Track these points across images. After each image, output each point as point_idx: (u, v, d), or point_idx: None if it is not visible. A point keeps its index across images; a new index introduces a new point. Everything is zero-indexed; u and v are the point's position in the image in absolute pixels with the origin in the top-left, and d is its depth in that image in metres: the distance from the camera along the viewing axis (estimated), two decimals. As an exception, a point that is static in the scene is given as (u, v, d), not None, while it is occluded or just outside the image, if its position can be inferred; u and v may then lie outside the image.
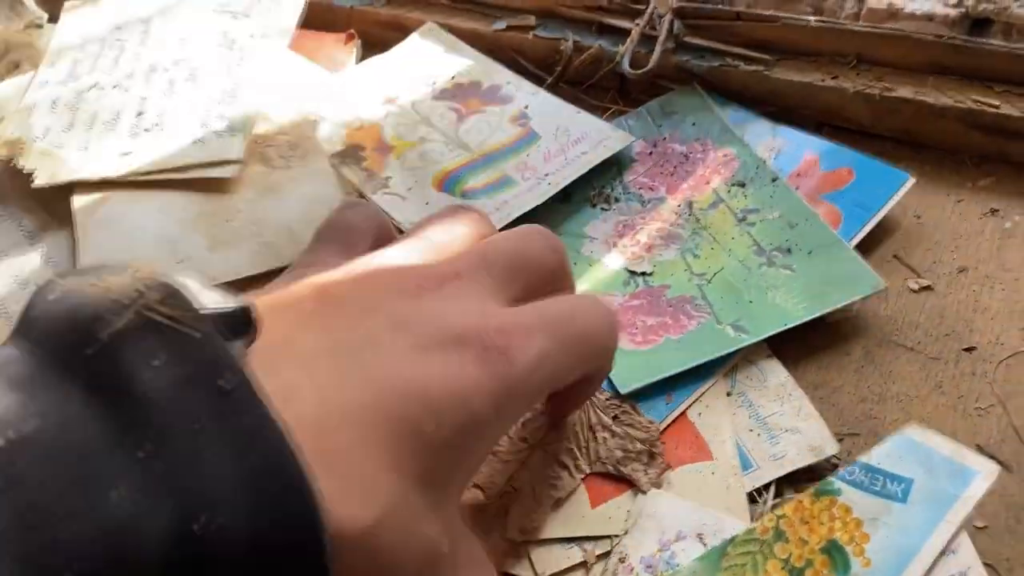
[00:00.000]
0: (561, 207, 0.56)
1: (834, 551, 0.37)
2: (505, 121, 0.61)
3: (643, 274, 0.51)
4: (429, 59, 0.68)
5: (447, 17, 0.70)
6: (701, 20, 0.61)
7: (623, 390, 0.44)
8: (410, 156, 0.59)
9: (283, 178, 0.55)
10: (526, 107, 0.62)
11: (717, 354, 0.46)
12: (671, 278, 0.50)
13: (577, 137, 0.59)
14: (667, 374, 0.45)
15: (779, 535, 0.38)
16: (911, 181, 0.52)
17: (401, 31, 0.71)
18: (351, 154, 0.60)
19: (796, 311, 0.47)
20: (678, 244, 0.52)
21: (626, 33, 0.63)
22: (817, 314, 0.47)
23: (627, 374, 0.45)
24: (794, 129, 0.57)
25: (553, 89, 0.63)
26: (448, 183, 0.57)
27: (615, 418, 0.43)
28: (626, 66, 0.60)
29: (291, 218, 0.53)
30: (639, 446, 0.42)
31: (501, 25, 0.67)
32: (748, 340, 0.46)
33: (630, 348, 0.46)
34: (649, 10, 0.62)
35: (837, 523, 0.38)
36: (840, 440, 0.44)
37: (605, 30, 0.64)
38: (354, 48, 0.71)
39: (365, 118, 0.63)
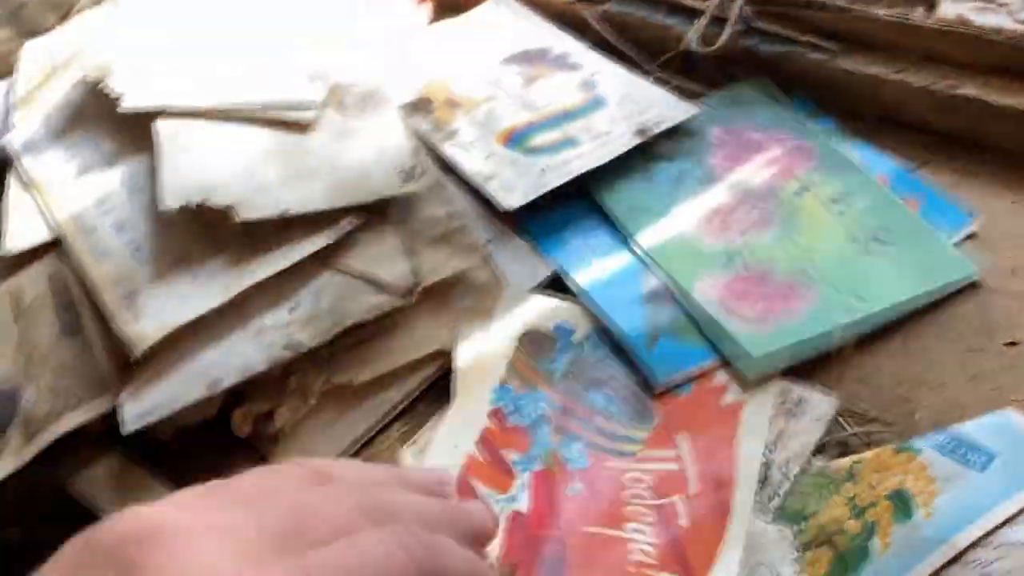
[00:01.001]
0: (643, 185, 0.57)
1: (899, 499, 0.39)
2: (572, 87, 0.63)
3: (740, 254, 0.52)
4: (500, 25, 0.70)
5: (521, -15, 0.72)
6: (771, 6, 0.62)
7: (756, 353, 0.46)
8: (477, 112, 0.61)
9: (355, 126, 0.57)
10: (592, 75, 0.64)
11: (835, 326, 0.47)
12: (772, 259, 0.51)
13: (643, 106, 0.60)
14: (793, 342, 0.47)
15: (850, 476, 0.40)
16: (974, 222, 0.53)
17: (474, -3, 0.73)
18: (421, 106, 0.62)
19: (902, 289, 0.49)
20: (771, 228, 0.53)
21: (696, 13, 0.64)
22: (922, 291, 0.48)
23: (757, 342, 0.47)
24: (869, 146, 0.58)
25: (620, 61, 0.65)
26: (513, 139, 0.59)
27: None
28: (695, 44, 0.61)
29: (362, 162, 0.54)
30: None
31: (574, -3, 0.69)
32: (862, 313, 0.48)
33: (751, 319, 0.48)
34: (721, -8, 0.63)
35: (910, 477, 0.39)
36: (872, 420, 0.46)
37: (675, 9, 0.66)
38: (427, 8, 0.73)
39: (436, 75, 0.65)
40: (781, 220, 0.53)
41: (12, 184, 0.58)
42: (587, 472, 0.45)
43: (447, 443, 0.47)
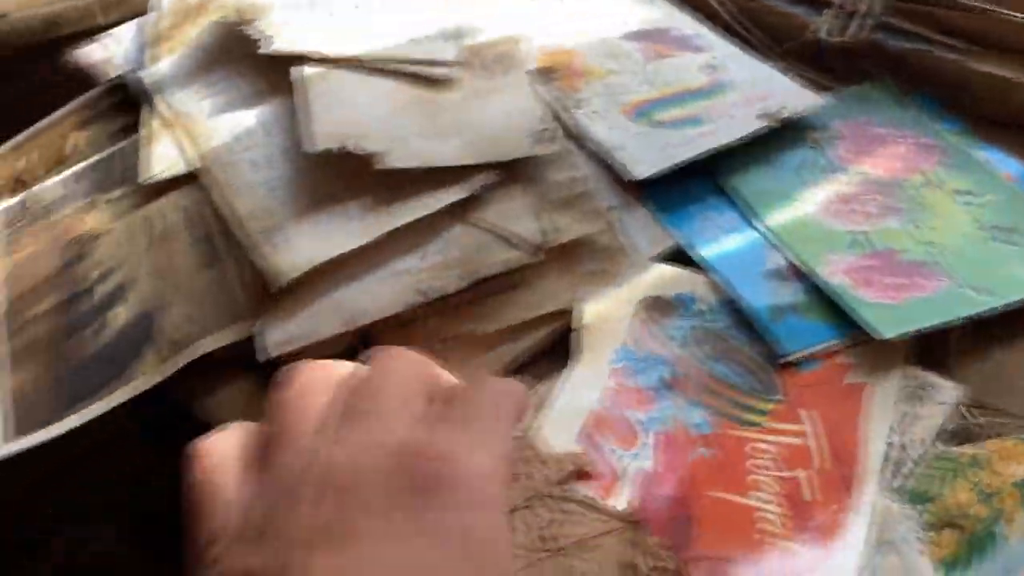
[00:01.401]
0: (767, 169, 0.58)
1: None
2: (695, 67, 0.63)
3: (867, 237, 0.52)
4: (620, 1, 0.70)
5: (644, -34, 0.72)
6: (903, 1, 0.62)
7: (887, 335, 0.46)
8: (601, 84, 0.62)
9: (488, 86, 0.58)
10: (716, 58, 0.64)
11: (966, 313, 0.47)
12: (899, 244, 0.52)
13: (768, 92, 0.60)
14: (924, 325, 0.47)
15: (976, 462, 0.41)
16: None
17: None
18: (546, 74, 0.63)
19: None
20: (898, 216, 0.53)
21: (823, 3, 0.64)
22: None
23: (887, 323, 0.47)
24: (996, 149, 0.58)
25: (745, 47, 0.65)
26: (638, 113, 0.60)
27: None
28: (824, 34, 0.62)
29: (494, 123, 0.55)
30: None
31: (699, -21, 0.69)
32: (993, 303, 0.48)
33: (880, 300, 0.48)
34: (853, -16, 0.63)
35: (1037, 468, 0.40)
36: (997, 411, 0.46)
37: (803, -2, 0.66)
38: (547, -18, 0.73)
39: (560, 44, 0.66)
40: (907, 208, 0.54)
41: (148, 117, 0.60)
42: (711, 438, 0.46)
43: (569, 398, 0.48)
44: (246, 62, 0.60)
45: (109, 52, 0.67)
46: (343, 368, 0.26)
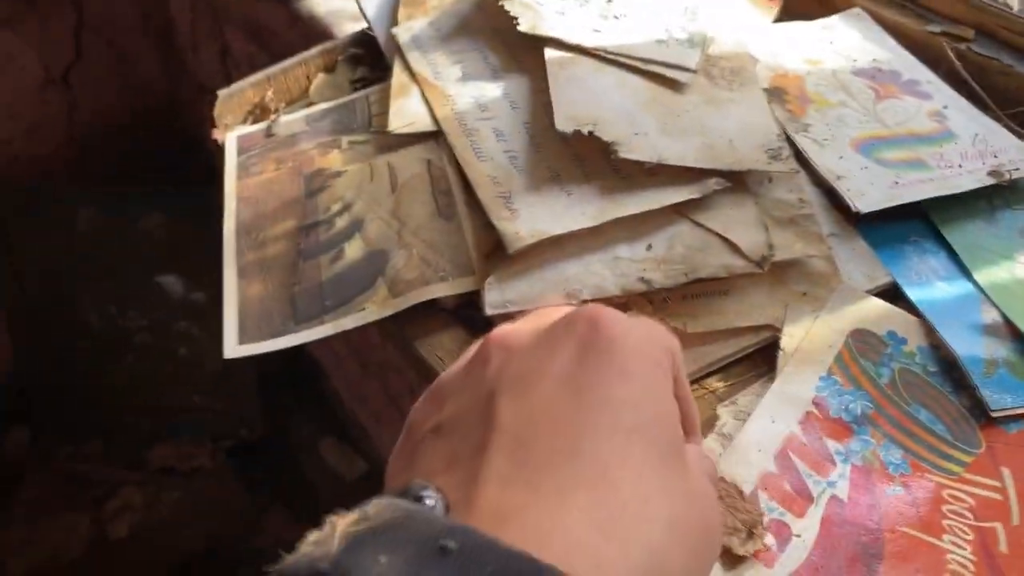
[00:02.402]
0: (987, 226, 0.58)
1: None
2: (922, 113, 0.64)
3: None
4: (850, 38, 0.71)
5: (877, 6, 0.73)
6: None
7: None
8: (828, 113, 0.63)
9: (723, 96, 0.60)
10: (945, 107, 0.64)
11: None
12: None
13: (995, 150, 0.60)
14: None
15: None
16: None
17: (825, 7, 0.74)
18: (775, 94, 0.64)
19: None
20: None
21: (1066, 72, 0.64)
22: None
23: None
24: None
25: (970, 100, 0.65)
26: (864, 147, 0.61)
27: (719, 498, 0.45)
28: (1067, 102, 0.61)
29: (728, 131, 0.57)
30: (739, 525, 0.44)
31: (936, 28, 0.69)
32: None
33: None
34: (1102, 56, 0.62)
35: None
36: None
37: (1044, 63, 0.65)
38: (776, 6, 0.75)
39: (789, 68, 0.67)
40: None
41: (398, 71, 0.63)
42: (907, 478, 0.46)
43: (766, 415, 0.49)
44: (496, 36, 0.63)
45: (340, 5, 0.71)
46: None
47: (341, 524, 0.23)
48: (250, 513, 1.48)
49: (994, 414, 0.48)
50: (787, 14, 0.75)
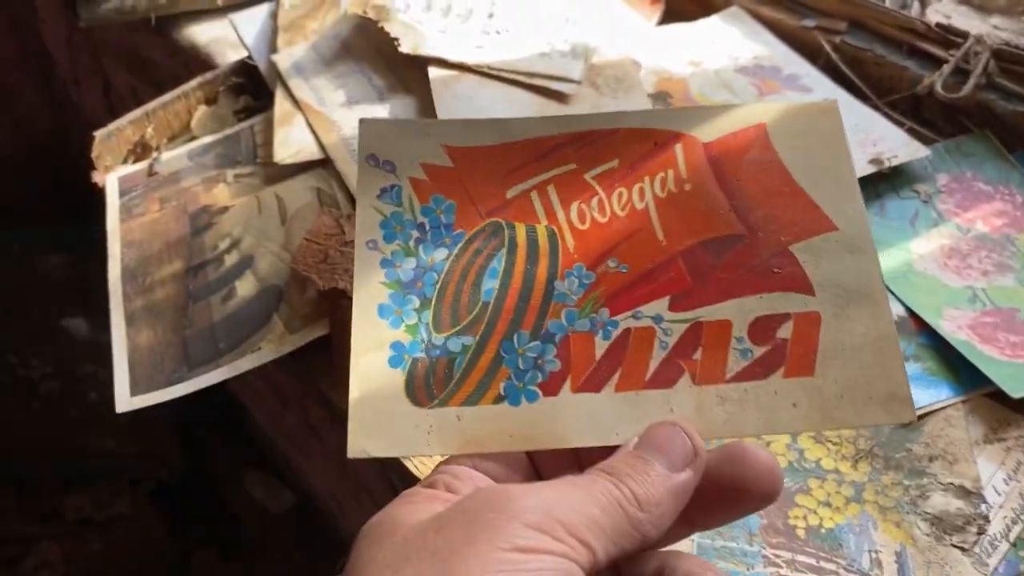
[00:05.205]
0: (876, 216, 0.59)
1: None
2: (804, 108, 0.65)
3: (985, 294, 0.54)
4: (730, 37, 0.73)
5: (754, 3, 0.74)
6: (1017, 65, 0.64)
7: (1015, 392, 0.48)
8: (714, 116, 0.64)
9: (610, 105, 0.60)
10: (825, 99, 0.66)
11: None
12: (1018, 303, 0.53)
13: (875, 138, 0.62)
14: None
15: None
16: None
17: (705, 7, 0.76)
18: (661, 99, 0.65)
19: None
20: (1012, 273, 0.55)
21: (935, 59, 0.66)
22: None
23: (1016, 382, 0.48)
24: None
25: (847, 91, 0.67)
26: (751, 147, 0.62)
27: None
28: (940, 88, 0.64)
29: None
30: None
31: (811, 23, 0.71)
32: None
33: (1005, 359, 0.50)
34: (967, 45, 0.65)
35: None
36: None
37: (914, 52, 0.68)
38: (659, 10, 0.76)
39: (672, 71, 0.68)
40: (1021, 267, 0.55)
41: (280, 99, 0.62)
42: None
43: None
44: (379, 58, 0.62)
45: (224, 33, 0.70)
46: None
47: None
48: (176, 557, 1.43)
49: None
50: (668, 17, 0.76)
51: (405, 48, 0.59)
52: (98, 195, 0.64)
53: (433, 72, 0.59)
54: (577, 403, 0.33)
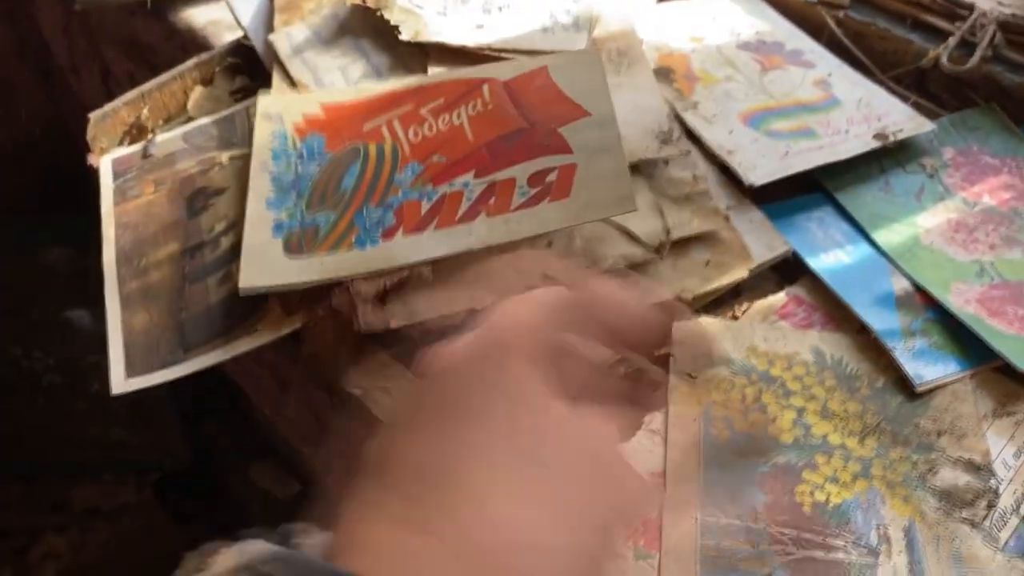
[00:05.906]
0: (881, 191, 0.58)
1: None
2: (808, 82, 0.64)
3: (993, 267, 0.53)
4: (733, 12, 0.71)
5: (757, -22, 0.73)
6: (1019, 36, 0.63)
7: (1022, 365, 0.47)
8: (715, 89, 0.63)
9: (612, 79, 0.59)
10: (829, 75, 0.65)
11: None
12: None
13: (879, 113, 0.61)
14: None
15: None
16: None
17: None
18: (662, 74, 0.64)
19: None
20: (1020, 247, 0.54)
21: (940, 32, 0.65)
22: None
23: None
24: None
25: (852, 66, 0.66)
26: (753, 120, 0.61)
27: None
28: (946, 61, 0.62)
29: (620, 116, 0.56)
30: None
31: (814, -3, 0.70)
32: None
33: (1014, 333, 0.49)
34: (973, 17, 0.64)
35: None
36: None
37: (919, 25, 0.67)
38: (660, -14, 0.75)
39: (674, 47, 0.67)
40: (1028, 240, 0.54)
41: (277, 80, 0.61)
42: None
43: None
44: (379, 36, 0.61)
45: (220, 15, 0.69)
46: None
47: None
48: (182, 546, 1.43)
49: (919, 389, 0.48)
50: (672, -7, 0.75)
51: (406, 36, 0.59)
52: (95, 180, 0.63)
53: (432, 71, 0.58)
54: (408, 242, 0.48)
